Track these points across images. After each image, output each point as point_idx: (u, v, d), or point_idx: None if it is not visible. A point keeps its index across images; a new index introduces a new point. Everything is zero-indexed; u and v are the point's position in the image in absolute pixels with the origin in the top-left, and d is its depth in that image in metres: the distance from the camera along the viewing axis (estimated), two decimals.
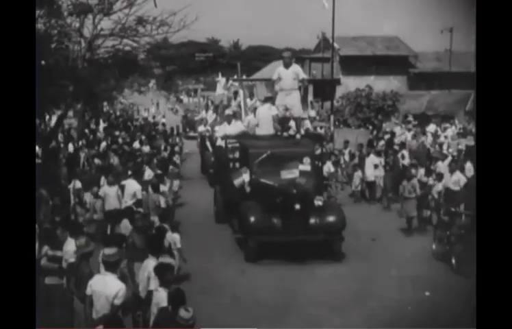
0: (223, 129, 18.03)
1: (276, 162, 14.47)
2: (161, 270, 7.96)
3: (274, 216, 13.70)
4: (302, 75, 15.98)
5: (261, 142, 15.60)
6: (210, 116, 25.82)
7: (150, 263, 8.50)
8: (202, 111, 28.57)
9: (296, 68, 15.88)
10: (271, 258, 13.48)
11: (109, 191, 14.35)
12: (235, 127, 17.81)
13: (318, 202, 13.86)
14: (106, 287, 7.52)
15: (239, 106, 20.10)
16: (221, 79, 26.41)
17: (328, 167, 18.98)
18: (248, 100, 20.14)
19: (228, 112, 18.65)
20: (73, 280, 8.49)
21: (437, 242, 14.08)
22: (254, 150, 15.08)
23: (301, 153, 14.75)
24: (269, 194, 13.94)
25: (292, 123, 16.13)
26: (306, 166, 14.31)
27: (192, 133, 34.90)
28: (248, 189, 14.60)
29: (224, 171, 16.49)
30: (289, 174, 13.99)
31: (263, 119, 16.26)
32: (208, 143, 23.52)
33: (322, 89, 43.82)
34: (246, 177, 14.69)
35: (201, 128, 26.03)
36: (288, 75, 15.52)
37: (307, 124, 17.72)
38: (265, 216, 13.70)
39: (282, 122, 16.00)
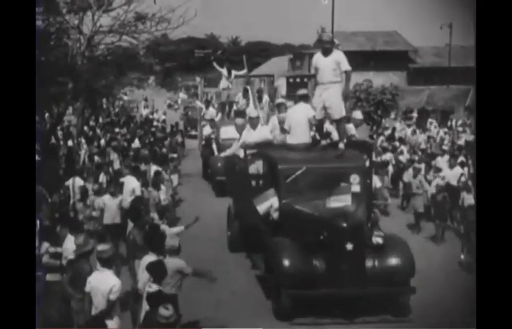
0: (245, 136, 13.92)
1: (314, 181, 11.16)
2: (152, 267, 7.99)
3: (316, 259, 10.15)
4: (346, 66, 11.84)
5: (293, 155, 11.91)
6: (211, 113, 24.82)
7: (149, 260, 8.51)
8: (202, 105, 27.27)
9: (337, 55, 11.95)
10: (311, 315, 10.06)
11: (110, 203, 13.03)
12: (261, 134, 13.59)
13: (377, 239, 10.40)
14: (101, 283, 7.57)
15: (248, 104, 19.43)
16: (224, 71, 24.37)
17: (374, 182, 14.57)
18: (265, 97, 19.26)
19: (252, 114, 14.89)
20: (67, 278, 8.50)
21: (466, 253, 12.76)
22: (284, 165, 11.46)
23: (348, 169, 11.20)
24: (307, 227, 10.50)
25: (330, 127, 12.46)
26: (355, 186, 10.89)
27: (193, 132, 33.45)
28: (275, 215, 11.19)
29: (242, 190, 12.69)
30: (337, 201, 10.31)
31: (295, 124, 12.28)
32: (214, 146, 21.56)
33: None
34: (273, 201, 11.25)
35: (207, 130, 23.59)
36: (327, 65, 11.81)
37: (351, 129, 13.31)
38: (304, 260, 10.13)
39: (318, 126, 12.35)
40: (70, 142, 21.52)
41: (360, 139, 13.33)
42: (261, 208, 11.24)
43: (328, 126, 12.40)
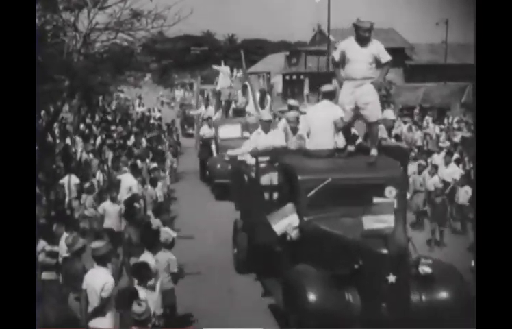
0: (256, 141, 11.94)
1: (341, 195, 9.22)
2: (137, 269, 8.02)
3: (349, 292, 8.24)
4: (387, 56, 10.13)
5: (315, 163, 9.99)
6: (210, 112, 24.15)
7: (148, 258, 8.52)
8: (201, 106, 26.84)
9: (375, 47, 10.04)
10: None
11: (110, 209, 12.38)
12: (274, 139, 11.40)
13: (425, 268, 8.44)
14: (94, 281, 7.59)
15: (247, 102, 19.16)
16: (224, 69, 23.57)
17: None
18: (268, 96, 18.85)
19: (265, 116, 13.10)
20: (62, 276, 8.52)
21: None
22: (305, 176, 9.55)
23: (382, 180, 9.06)
24: (337, 253, 8.58)
25: (355, 130, 10.70)
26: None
27: (190, 131, 32.76)
28: (294, 234, 9.38)
29: (253, 204, 11.13)
30: (377, 221, 8.15)
31: (317, 126, 10.28)
32: (213, 147, 20.85)
33: (318, 82, 43.88)
34: (292, 219, 9.42)
35: (205, 129, 22.57)
36: (363, 58, 9.95)
37: (382, 131, 11.12)
38: (334, 294, 8.22)
39: (346, 129, 10.47)
40: (68, 140, 21.51)
41: (393, 143, 11.33)
42: (278, 227, 9.43)
43: (353, 129, 10.70)
